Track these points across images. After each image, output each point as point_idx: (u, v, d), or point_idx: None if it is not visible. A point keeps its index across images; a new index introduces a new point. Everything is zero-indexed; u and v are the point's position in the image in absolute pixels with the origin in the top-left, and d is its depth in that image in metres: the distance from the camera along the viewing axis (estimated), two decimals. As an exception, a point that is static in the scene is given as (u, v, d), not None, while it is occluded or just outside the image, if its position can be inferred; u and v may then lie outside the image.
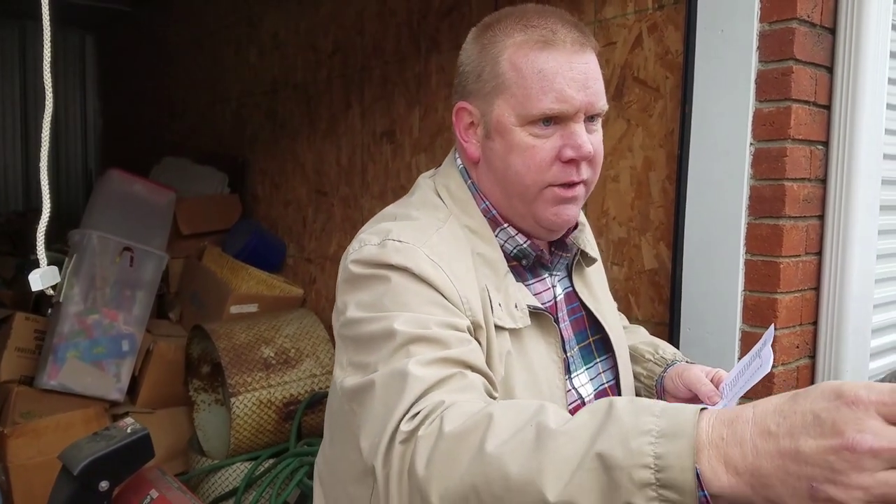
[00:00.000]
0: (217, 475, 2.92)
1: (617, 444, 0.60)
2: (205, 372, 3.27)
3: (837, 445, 0.51)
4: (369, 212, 3.09)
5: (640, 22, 1.97)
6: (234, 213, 3.91)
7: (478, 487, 0.66)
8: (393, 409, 0.76)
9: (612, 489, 0.59)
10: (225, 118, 4.24)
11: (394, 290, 0.87)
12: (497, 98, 0.95)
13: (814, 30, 1.68)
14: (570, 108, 0.92)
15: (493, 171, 0.98)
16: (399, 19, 2.86)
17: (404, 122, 2.86)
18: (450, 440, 0.70)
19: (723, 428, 0.57)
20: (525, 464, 0.64)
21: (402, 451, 0.74)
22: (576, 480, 0.60)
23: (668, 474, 0.57)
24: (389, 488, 0.74)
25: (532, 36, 0.93)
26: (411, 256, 0.89)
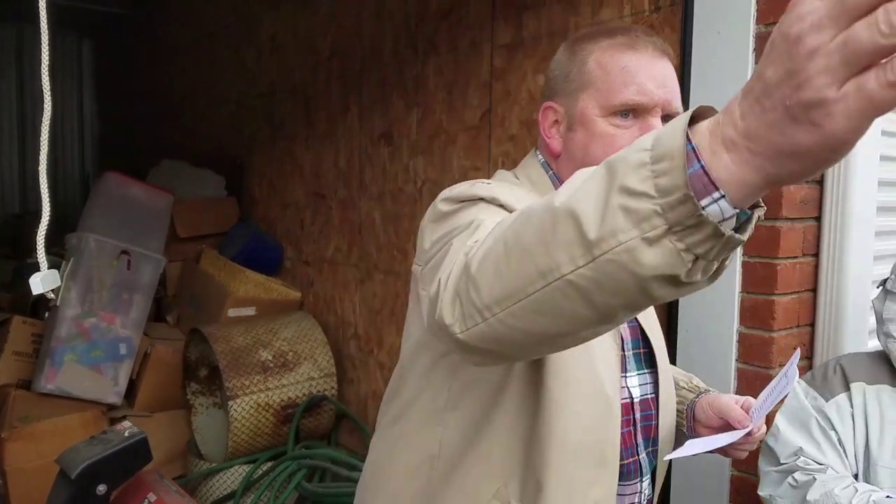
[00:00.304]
0: (215, 478, 2.91)
1: (624, 149, 0.60)
2: (203, 375, 3.27)
3: (787, 47, 0.47)
4: (367, 214, 3.09)
5: (637, 24, 1.97)
6: (232, 216, 3.91)
7: (506, 237, 0.68)
8: (465, 243, 0.79)
9: (608, 179, 0.58)
10: (223, 120, 4.24)
11: (477, 210, 0.91)
12: (582, 93, 1.03)
13: (810, 31, 1.68)
14: (650, 101, 0.99)
15: (573, 161, 1.04)
16: (397, 22, 2.86)
17: (402, 123, 2.87)
18: (501, 223, 0.73)
19: (720, 115, 0.55)
20: (547, 200, 0.66)
21: (462, 259, 0.75)
22: (584, 185, 0.61)
23: (660, 147, 0.55)
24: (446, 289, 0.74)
25: (618, 41, 1.02)
26: (500, 192, 0.94)
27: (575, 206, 0.60)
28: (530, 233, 0.65)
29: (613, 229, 0.57)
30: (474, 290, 0.69)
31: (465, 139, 2.57)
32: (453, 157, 2.62)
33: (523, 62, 2.32)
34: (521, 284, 0.65)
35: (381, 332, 3.04)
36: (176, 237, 3.73)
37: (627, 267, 0.57)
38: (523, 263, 0.64)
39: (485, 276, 0.69)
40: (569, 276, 0.60)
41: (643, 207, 0.55)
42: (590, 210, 0.59)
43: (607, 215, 0.57)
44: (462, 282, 0.72)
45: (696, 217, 0.53)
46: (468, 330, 0.71)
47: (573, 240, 0.60)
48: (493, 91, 2.45)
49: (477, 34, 2.50)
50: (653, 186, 0.55)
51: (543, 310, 0.65)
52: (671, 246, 0.55)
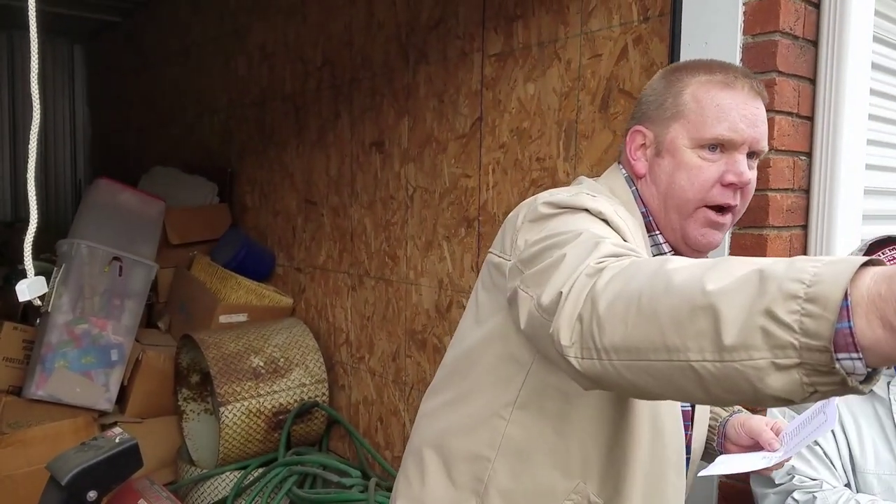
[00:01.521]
0: (206, 484, 2.88)
1: (782, 264, 0.61)
2: (194, 381, 3.24)
3: None
4: (358, 221, 3.07)
5: (626, 34, 1.97)
6: (224, 223, 3.88)
7: (642, 293, 0.69)
8: (584, 260, 0.80)
9: (759, 295, 0.59)
10: (214, 128, 4.21)
11: (581, 220, 0.92)
12: (674, 123, 1.04)
13: (796, 42, 1.69)
14: (739, 139, 1.01)
15: (656, 185, 1.07)
16: (387, 32, 2.85)
17: (393, 132, 2.86)
18: (634, 265, 0.74)
19: (883, 283, 0.56)
20: (692, 275, 0.66)
21: (586, 280, 0.76)
22: (732, 284, 0.62)
23: (818, 288, 0.56)
24: (565, 308, 0.76)
25: (716, 77, 1.03)
26: (604, 206, 0.95)
27: (719, 305, 0.62)
28: (668, 305, 0.66)
29: (748, 345, 0.59)
30: (597, 327, 0.72)
31: (456, 147, 2.56)
32: (444, 164, 2.61)
33: (513, 71, 2.32)
34: (644, 347, 0.68)
35: (373, 338, 3.02)
36: (167, 244, 3.70)
37: (751, 380, 0.60)
38: (652, 330, 0.67)
39: (611, 320, 0.71)
40: (693, 364, 0.64)
41: (783, 337, 0.58)
42: (732, 316, 0.61)
43: (747, 329, 0.59)
44: (587, 311, 0.74)
45: (830, 367, 0.56)
46: (582, 360, 0.74)
47: (707, 335, 0.62)
48: (484, 100, 2.44)
49: (467, 44, 2.49)
50: (798, 323, 0.57)
51: (658, 377, 0.68)
52: (797, 378, 0.58)
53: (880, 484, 1.40)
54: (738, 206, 1.05)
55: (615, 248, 0.82)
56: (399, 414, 2.88)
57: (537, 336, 0.84)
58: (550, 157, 2.21)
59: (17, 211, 5.93)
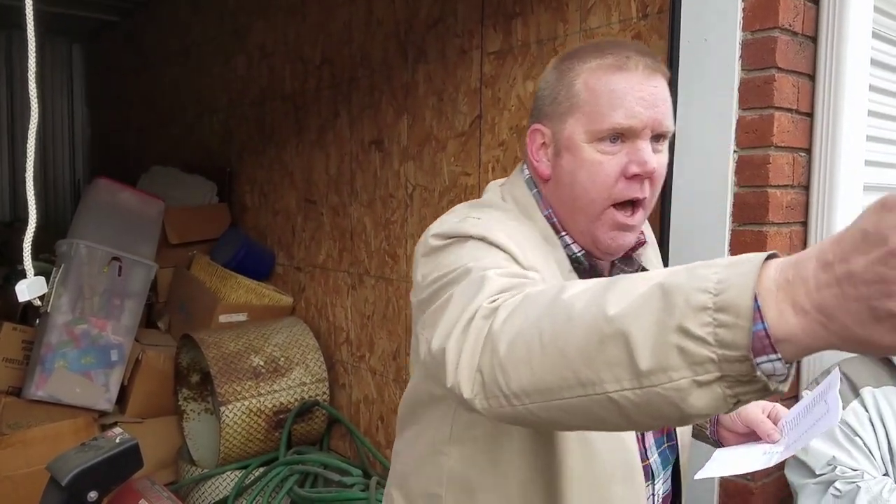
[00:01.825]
0: (207, 484, 2.88)
1: (683, 275, 0.58)
2: (194, 381, 3.23)
3: (884, 253, 0.48)
4: (358, 220, 3.07)
5: (625, 31, 1.97)
6: (223, 223, 3.88)
7: (542, 329, 0.65)
8: (473, 300, 0.76)
9: (666, 312, 0.57)
10: (213, 127, 4.21)
11: (468, 251, 0.89)
12: (570, 117, 0.97)
13: (795, 38, 1.69)
14: (638, 124, 0.94)
15: (560, 187, 1.01)
16: (386, 30, 2.85)
17: (392, 130, 2.85)
18: (530, 300, 0.71)
19: (789, 270, 0.54)
20: (591, 300, 0.63)
21: (482, 324, 0.73)
22: (635, 304, 0.59)
23: (726, 296, 0.54)
24: (461, 359, 0.73)
25: (606, 61, 0.96)
26: (489, 229, 0.91)
27: (627, 329, 0.59)
28: (573, 339, 0.63)
29: (666, 366, 0.57)
30: (501, 374, 0.69)
31: (455, 145, 2.56)
32: (443, 163, 2.61)
33: (513, 69, 2.32)
34: (556, 386, 0.64)
35: (373, 337, 3.02)
36: (167, 243, 3.70)
37: (674, 402, 0.57)
38: (561, 367, 0.64)
39: (515, 363, 0.67)
40: (611, 395, 0.61)
41: (700, 353, 0.55)
42: (642, 338, 0.58)
43: (661, 350, 0.57)
44: (486, 359, 0.70)
45: (751, 376, 0.54)
46: (492, 408, 0.71)
47: (621, 363, 0.59)
48: (483, 98, 2.44)
49: (466, 41, 2.49)
50: (712, 335, 0.54)
51: (576, 412, 0.65)
52: (720, 392, 0.56)
53: None
54: (647, 199, 0.98)
55: (505, 281, 0.78)
56: (399, 413, 2.88)
57: (436, 382, 0.80)
58: (550, 155, 2.21)
59: (16, 211, 5.93)
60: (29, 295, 1.08)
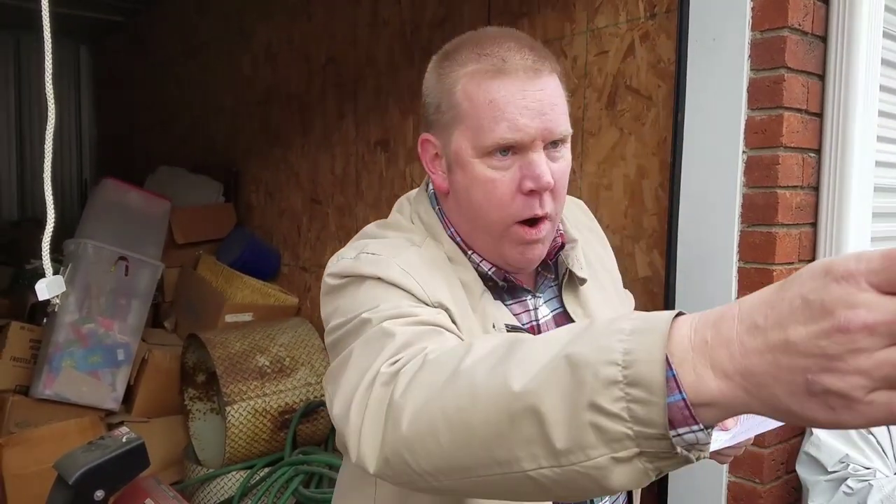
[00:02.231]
0: (212, 484, 2.88)
1: (587, 344, 0.55)
2: (200, 381, 3.24)
3: (828, 328, 0.44)
4: (364, 220, 3.07)
5: (633, 31, 1.96)
6: (229, 223, 3.89)
7: (445, 405, 0.62)
8: (373, 362, 0.73)
9: (576, 388, 0.53)
10: (219, 127, 4.21)
11: (365, 294, 0.85)
12: (455, 130, 0.91)
13: (805, 38, 1.67)
14: (525, 137, 0.87)
15: (459, 203, 0.95)
16: (392, 30, 2.85)
17: (398, 131, 2.85)
18: (430, 366, 0.67)
19: (706, 330, 0.50)
20: (493, 369, 0.60)
21: (382, 392, 0.69)
22: (541, 377, 0.56)
23: (636, 369, 0.50)
24: (363, 432, 0.69)
25: (484, 65, 0.88)
26: (383, 266, 0.87)
27: (537, 405, 0.55)
28: (480, 415, 0.59)
29: (583, 444, 0.54)
30: (408, 454, 0.65)
31: (462, 145, 2.55)
32: (450, 163, 2.61)
33: (519, 69, 2.31)
34: (470, 464, 0.61)
35: (378, 337, 3.02)
36: (173, 243, 3.71)
37: (595, 479, 0.55)
38: (474, 446, 0.60)
39: (422, 442, 0.64)
40: (530, 473, 0.57)
41: (615, 429, 0.52)
42: (555, 415, 0.54)
43: (576, 428, 0.54)
44: (389, 436, 0.66)
45: (671, 451, 0.51)
46: (403, 484, 0.68)
47: (536, 441, 0.56)
48: (489, 98, 2.43)
49: (473, 41, 2.48)
50: (626, 410, 0.51)
51: (496, 489, 0.61)
52: (641, 466, 0.53)
53: None
54: (551, 212, 0.91)
55: (405, 335, 0.74)
56: (405, 413, 2.88)
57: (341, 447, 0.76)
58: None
59: (23, 210, 5.95)
60: (48, 294, 1.09)
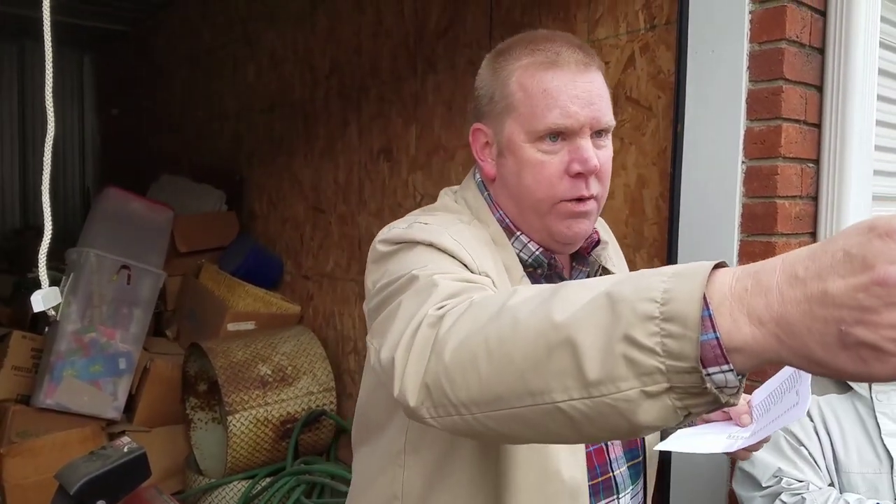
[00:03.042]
0: (214, 494, 2.91)
1: (629, 284, 0.57)
2: (202, 390, 3.27)
3: (867, 281, 0.46)
4: (366, 229, 3.10)
5: (633, 42, 2.00)
6: (232, 231, 3.92)
7: (488, 336, 0.64)
8: (420, 306, 0.76)
9: (613, 321, 0.56)
10: (223, 136, 4.27)
11: (415, 257, 0.89)
12: (507, 118, 0.99)
13: (803, 50, 1.71)
14: (575, 123, 0.95)
15: (507, 188, 1.02)
16: (395, 40, 2.89)
17: (401, 140, 2.89)
18: (476, 306, 0.70)
19: (747, 279, 0.52)
20: (537, 306, 0.63)
21: (428, 333, 0.72)
22: (581, 311, 0.58)
23: (673, 306, 0.53)
24: (407, 367, 0.71)
25: (538, 58, 0.97)
26: (436, 234, 0.92)
27: (574, 337, 0.58)
28: (520, 346, 0.62)
29: (614, 376, 0.56)
30: (448, 383, 0.67)
31: (464, 155, 2.59)
32: (452, 172, 2.65)
33: (521, 79, 2.35)
34: (506, 395, 0.63)
35: (380, 346, 3.05)
36: (176, 252, 3.74)
37: (623, 414, 0.56)
38: (510, 375, 0.62)
39: (462, 371, 0.66)
40: (560, 405, 0.59)
41: (647, 363, 0.54)
42: (590, 347, 0.57)
43: (609, 360, 0.56)
44: (432, 367, 0.69)
45: (701, 387, 0.53)
46: (440, 418, 0.70)
47: (569, 372, 0.58)
48: (491, 107, 2.47)
49: (475, 52, 2.53)
50: (660, 345, 0.53)
51: (527, 423, 0.63)
52: (669, 403, 0.55)
53: (864, 483, 1.41)
54: (598, 193, 0.99)
55: (453, 287, 0.78)
56: (407, 423, 2.91)
57: (384, 387, 0.79)
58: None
59: (26, 218, 6.01)
60: (44, 305, 1.10)
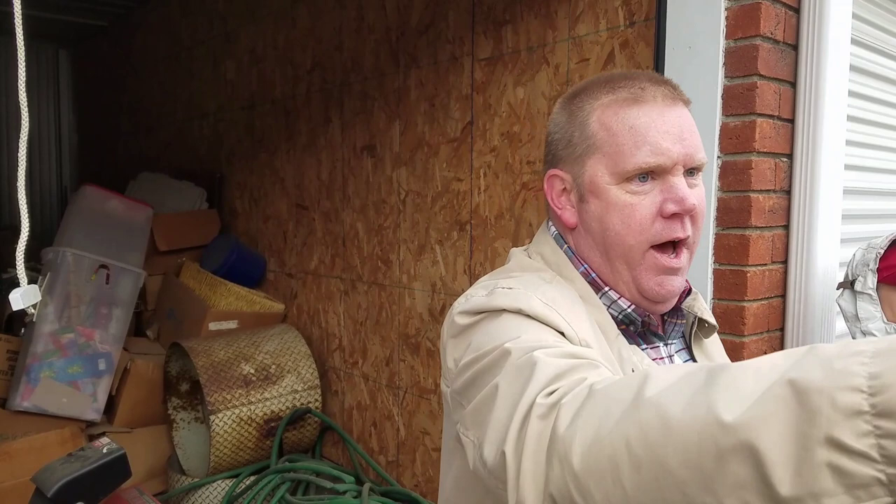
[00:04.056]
0: (197, 494, 2.96)
1: (815, 368, 0.48)
2: (184, 390, 3.31)
3: None
4: (350, 226, 3.17)
5: (613, 39, 2.08)
6: (213, 229, 3.96)
7: (629, 438, 0.55)
8: (524, 391, 0.67)
9: (806, 419, 0.46)
10: (203, 133, 4.31)
11: (504, 326, 0.81)
12: (589, 159, 0.92)
13: (777, 46, 1.79)
14: (668, 161, 0.88)
15: (591, 235, 0.94)
16: (377, 35, 2.96)
17: (384, 136, 2.95)
18: (601, 396, 0.61)
19: None
20: (692, 401, 0.53)
21: (541, 426, 0.63)
22: (758, 407, 0.49)
23: (888, 397, 0.44)
24: (522, 471, 0.63)
25: (620, 95, 0.91)
26: (524, 299, 0.84)
27: (754, 442, 0.48)
28: (677, 452, 0.52)
29: (815, 491, 0.46)
30: (580, 495, 0.59)
31: (448, 151, 2.66)
32: (436, 168, 2.71)
33: (503, 75, 2.42)
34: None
35: (366, 343, 3.11)
36: (156, 250, 3.78)
37: None
38: (665, 489, 0.53)
39: (599, 483, 0.57)
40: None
41: (862, 472, 0.45)
42: (778, 454, 0.47)
43: (806, 470, 0.46)
44: (556, 475, 0.61)
45: None
46: None
47: (751, 485, 0.49)
48: (475, 104, 2.54)
49: (457, 48, 2.60)
50: (876, 448, 0.44)
51: None
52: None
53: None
54: (691, 238, 0.92)
55: (558, 364, 0.69)
56: (393, 418, 2.97)
57: (491, 494, 0.70)
58: (541, 161, 2.30)
59: (1, 218, 6.00)
60: (24, 303, 1.10)
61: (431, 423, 2.80)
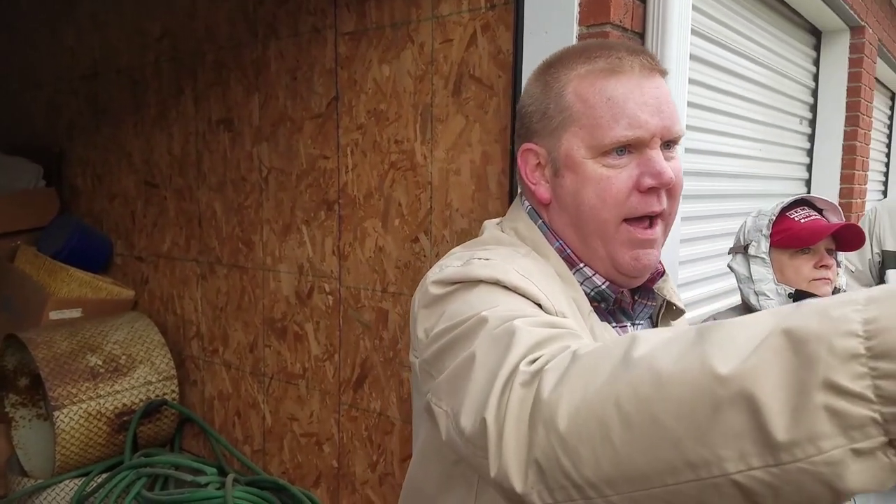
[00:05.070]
0: (42, 496, 2.84)
1: (810, 318, 0.50)
2: (23, 385, 3.15)
3: None
4: (206, 205, 3.10)
5: (475, 20, 2.17)
6: (51, 209, 3.75)
7: (619, 396, 0.56)
8: (504, 359, 0.67)
9: (804, 366, 0.48)
10: (38, 104, 4.03)
11: (479, 296, 0.81)
12: (564, 132, 0.92)
13: (626, 33, 1.96)
14: (646, 134, 0.89)
15: (565, 210, 0.95)
16: (232, 4, 2.90)
17: (243, 109, 2.91)
18: (585, 359, 0.61)
19: None
20: (684, 356, 0.54)
21: (523, 392, 0.63)
22: (753, 359, 0.50)
23: (883, 338, 0.46)
24: (504, 438, 0.62)
25: (597, 65, 0.91)
26: (500, 270, 0.84)
27: (751, 390, 0.50)
28: (671, 406, 0.53)
29: (813, 434, 0.48)
30: (569, 459, 0.58)
31: (312, 127, 2.67)
32: (300, 145, 2.72)
33: (368, 51, 2.46)
34: (653, 470, 0.54)
35: (227, 329, 3.08)
36: (-16, 234, 3.53)
37: (825, 480, 0.48)
38: (658, 445, 0.54)
39: (587, 443, 0.57)
40: (735, 476, 0.51)
41: (857, 413, 0.47)
42: (775, 400, 0.49)
43: (805, 415, 0.48)
44: (541, 439, 0.60)
45: None
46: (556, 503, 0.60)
47: (747, 434, 0.50)
48: (339, 79, 2.56)
49: (319, 20, 2.60)
50: (872, 389, 0.46)
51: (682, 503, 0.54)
52: (886, 461, 0.47)
53: None
54: (666, 211, 0.93)
55: (538, 333, 0.69)
56: (258, 406, 2.97)
57: (469, 465, 0.70)
58: (408, 140, 2.38)
59: None
60: None
61: (300, 408, 2.82)
